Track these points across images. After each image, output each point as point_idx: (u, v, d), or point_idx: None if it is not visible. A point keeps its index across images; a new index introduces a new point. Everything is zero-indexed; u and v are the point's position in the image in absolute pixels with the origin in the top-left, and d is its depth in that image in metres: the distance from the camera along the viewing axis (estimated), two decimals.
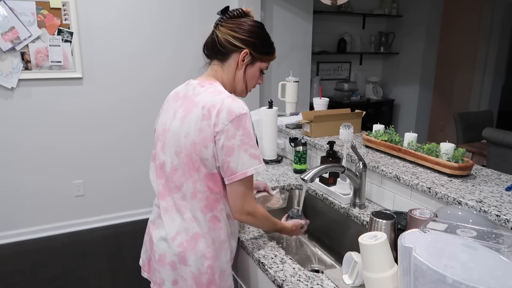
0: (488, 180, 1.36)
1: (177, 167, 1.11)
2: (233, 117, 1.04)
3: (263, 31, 1.18)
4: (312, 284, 1.06)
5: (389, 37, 4.94)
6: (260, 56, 1.17)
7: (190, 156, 1.08)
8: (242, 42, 1.13)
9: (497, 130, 2.95)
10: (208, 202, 1.11)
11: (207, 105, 1.06)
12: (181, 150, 1.09)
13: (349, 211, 1.51)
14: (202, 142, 1.05)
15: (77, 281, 2.57)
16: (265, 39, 1.17)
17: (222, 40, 1.14)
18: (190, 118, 1.08)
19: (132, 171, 3.38)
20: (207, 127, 1.04)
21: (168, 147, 1.13)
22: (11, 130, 2.93)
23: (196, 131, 1.06)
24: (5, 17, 2.73)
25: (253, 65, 1.17)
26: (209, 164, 1.08)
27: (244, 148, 1.04)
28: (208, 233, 1.12)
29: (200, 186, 1.10)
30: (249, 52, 1.14)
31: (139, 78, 3.25)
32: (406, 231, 0.88)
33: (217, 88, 1.12)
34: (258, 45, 1.15)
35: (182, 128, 1.09)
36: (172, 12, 3.25)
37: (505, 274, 0.73)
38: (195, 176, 1.09)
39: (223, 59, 1.16)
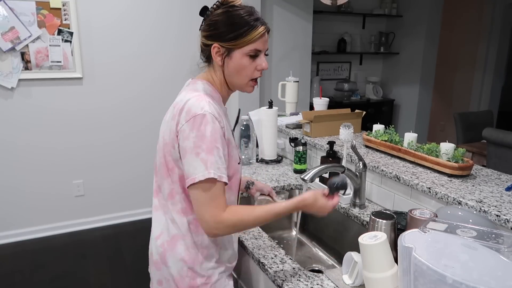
0: (488, 180, 1.36)
1: (157, 168, 1.12)
2: (189, 117, 0.98)
3: (229, 14, 1.03)
4: (312, 284, 1.06)
5: (389, 37, 4.94)
6: (231, 44, 1.03)
7: (165, 157, 1.07)
8: (209, 38, 1.05)
9: (497, 130, 2.95)
10: (186, 204, 1.07)
11: (177, 105, 1.04)
12: (160, 150, 1.09)
13: (349, 211, 1.51)
14: (171, 142, 1.04)
15: (77, 281, 2.57)
16: (231, 23, 1.02)
17: (200, 44, 1.10)
18: (166, 119, 1.09)
19: (132, 171, 3.38)
20: (174, 126, 1.02)
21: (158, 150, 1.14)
22: (11, 130, 2.93)
23: (167, 131, 1.05)
24: (5, 17, 2.73)
25: (231, 56, 1.04)
26: (179, 166, 1.04)
27: (195, 152, 0.97)
28: (187, 235, 1.08)
29: (176, 188, 1.07)
30: (218, 46, 1.04)
31: (139, 78, 3.25)
32: (406, 231, 0.88)
33: (195, 86, 1.08)
34: (222, 34, 1.03)
35: (162, 128, 1.10)
36: (172, 12, 3.25)
37: (505, 274, 0.73)
38: (172, 177, 1.07)
39: (208, 61, 1.12)
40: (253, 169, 1.96)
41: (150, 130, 3.37)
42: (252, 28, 1.02)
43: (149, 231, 1.21)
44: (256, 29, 1.02)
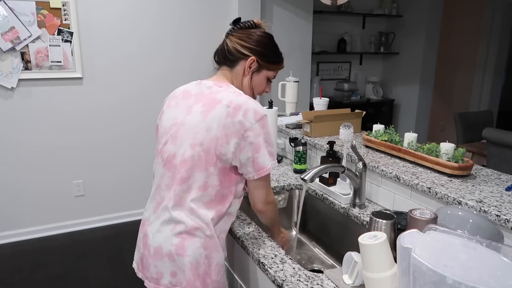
0: (488, 180, 1.36)
1: (188, 159, 1.13)
2: (259, 117, 1.12)
3: (271, 42, 1.25)
4: (312, 284, 1.06)
5: (389, 37, 4.94)
6: (266, 65, 1.24)
7: (208, 150, 1.12)
8: (250, 51, 1.21)
9: (497, 130, 2.95)
10: (217, 197, 1.15)
11: (232, 103, 1.12)
12: (199, 143, 1.12)
13: (349, 211, 1.51)
14: (224, 137, 1.11)
15: (77, 281, 2.57)
16: (272, 49, 1.25)
17: (231, 48, 1.22)
18: (213, 114, 1.12)
19: (132, 171, 3.38)
20: (232, 124, 1.10)
21: (182, 140, 1.15)
22: (11, 130, 2.93)
23: (219, 127, 1.11)
24: (5, 17, 2.73)
25: (259, 73, 1.25)
26: (225, 160, 1.13)
27: (265, 146, 1.13)
28: (208, 226, 1.15)
29: (212, 180, 1.14)
30: (255, 60, 1.21)
31: (139, 78, 3.25)
32: (405, 232, 0.88)
33: (236, 89, 1.20)
34: (264, 54, 1.22)
35: (204, 122, 1.12)
36: (172, 12, 3.25)
37: (505, 274, 0.73)
38: (209, 170, 1.13)
39: (232, 65, 1.24)
40: None
41: (150, 130, 3.37)
42: (281, 61, 1.29)
43: None
44: (282, 63, 1.30)
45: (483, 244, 0.80)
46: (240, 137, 1.11)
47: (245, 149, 1.12)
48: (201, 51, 3.41)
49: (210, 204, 1.15)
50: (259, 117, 1.13)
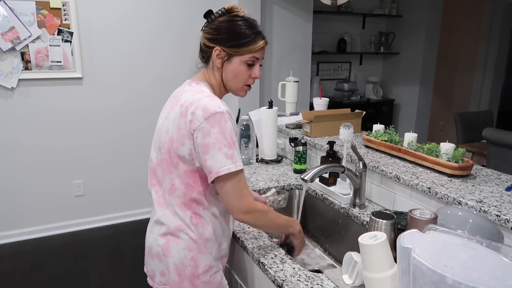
0: (488, 180, 1.36)
1: (159, 162, 1.15)
2: (208, 115, 1.04)
3: (234, 23, 1.12)
4: (312, 284, 1.06)
5: (389, 37, 4.94)
6: (233, 50, 1.12)
7: (168, 152, 1.11)
8: (212, 41, 1.13)
9: (497, 130, 2.95)
10: (186, 199, 1.12)
11: (185, 103, 1.09)
12: (162, 146, 1.13)
13: (349, 211, 1.51)
14: (179, 139, 1.08)
15: (77, 281, 2.57)
16: (235, 32, 1.11)
17: (201, 44, 1.18)
18: (171, 115, 1.12)
19: (132, 171, 3.38)
20: (184, 124, 1.07)
21: (154, 143, 1.19)
22: (11, 130, 2.93)
23: (174, 128, 1.09)
24: (5, 17, 2.73)
25: (230, 62, 1.13)
26: (186, 162, 1.09)
27: (218, 147, 1.04)
28: (190, 227, 1.14)
29: (178, 183, 1.12)
30: (220, 49, 1.12)
31: (139, 78, 3.25)
32: (405, 232, 0.88)
33: (201, 87, 1.14)
34: (225, 40, 1.11)
35: (164, 124, 1.14)
36: (172, 12, 3.25)
37: (504, 273, 0.73)
38: (174, 172, 1.12)
39: (206, 62, 1.19)
40: (253, 169, 1.96)
41: (150, 130, 3.37)
42: (253, 41, 1.12)
43: None
44: (256, 42, 1.13)
45: (483, 244, 0.80)
46: (191, 138, 1.06)
47: (197, 150, 1.07)
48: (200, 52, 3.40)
49: (184, 206, 1.13)
50: (208, 114, 1.04)
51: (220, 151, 1.04)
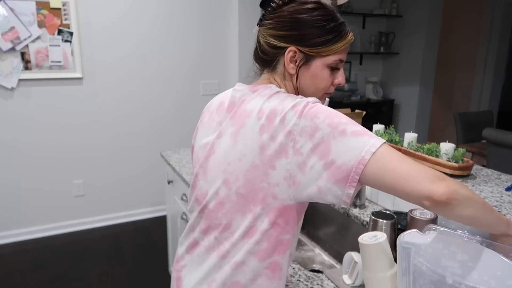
0: (488, 180, 1.36)
1: (224, 200, 0.84)
2: (301, 109, 0.76)
3: (314, 13, 0.82)
4: (312, 284, 1.06)
5: (389, 37, 4.94)
6: (313, 51, 0.83)
7: (249, 184, 0.80)
8: (283, 39, 0.83)
9: (497, 130, 2.95)
10: (272, 244, 0.82)
11: (263, 112, 0.79)
12: (234, 177, 0.81)
13: (349, 211, 1.51)
14: (267, 162, 0.77)
15: (77, 281, 2.57)
16: (318, 25, 0.82)
17: (263, 44, 0.87)
18: (244, 133, 0.80)
19: (132, 171, 3.38)
20: (271, 140, 0.76)
21: (213, 174, 0.86)
22: (11, 130, 2.93)
23: (255, 150, 0.78)
24: (5, 17, 2.73)
25: (309, 65, 0.85)
26: (280, 192, 0.78)
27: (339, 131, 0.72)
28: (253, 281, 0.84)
29: (261, 224, 0.81)
30: (296, 50, 0.83)
31: (139, 78, 3.25)
32: (405, 232, 0.88)
33: (273, 89, 0.84)
34: (305, 37, 0.82)
35: (235, 148, 0.81)
36: (172, 12, 3.25)
37: (505, 274, 0.73)
38: (256, 210, 0.80)
39: (271, 67, 0.89)
40: None
41: (150, 130, 3.37)
42: (342, 35, 0.85)
43: (149, 231, 1.20)
44: (345, 36, 0.86)
45: (483, 244, 0.80)
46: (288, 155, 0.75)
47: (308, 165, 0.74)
48: (202, 51, 3.41)
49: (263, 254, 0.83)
50: (301, 109, 0.76)
51: (345, 134, 0.72)
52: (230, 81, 3.55)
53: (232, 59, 3.51)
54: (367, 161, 0.70)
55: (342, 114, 0.75)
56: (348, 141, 0.71)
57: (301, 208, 0.84)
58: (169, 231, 2.46)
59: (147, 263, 2.75)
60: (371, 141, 0.70)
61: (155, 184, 3.49)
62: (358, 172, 0.70)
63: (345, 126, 0.73)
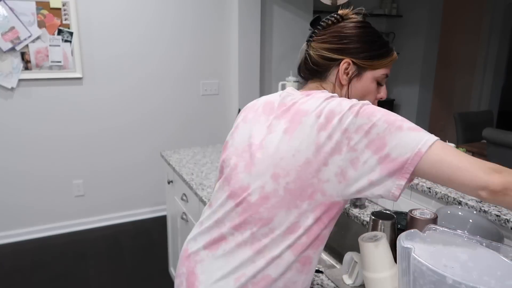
0: None
1: (269, 195, 0.85)
2: (358, 108, 0.80)
3: (367, 30, 0.93)
4: (312, 284, 1.06)
5: (389, 37, 4.94)
6: (368, 63, 0.91)
7: (299, 180, 0.82)
8: (339, 52, 0.91)
9: (497, 130, 2.95)
10: (309, 239, 0.85)
11: (323, 112, 0.83)
12: (285, 173, 0.83)
13: (349, 211, 1.51)
14: (321, 159, 0.80)
15: (77, 281, 2.57)
16: (371, 40, 0.92)
17: (315, 58, 0.93)
18: (299, 131, 0.84)
19: (132, 171, 3.38)
20: (328, 139, 0.80)
21: (260, 168, 0.87)
22: (11, 130, 2.93)
23: (311, 147, 0.81)
24: (5, 17, 2.73)
25: (361, 77, 0.93)
26: (329, 189, 0.82)
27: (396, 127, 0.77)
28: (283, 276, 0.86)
29: (306, 220, 0.84)
30: (351, 62, 0.91)
31: (139, 79, 3.25)
32: (405, 232, 0.88)
33: (327, 93, 0.89)
34: (362, 50, 0.91)
35: (290, 144, 0.84)
36: (172, 13, 3.25)
37: (504, 273, 0.73)
38: (302, 206, 0.83)
39: (322, 77, 0.95)
40: None
41: (151, 131, 3.37)
42: (389, 52, 0.94)
43: (149, 231, 1.20)
44: (392, 53, 0.94)
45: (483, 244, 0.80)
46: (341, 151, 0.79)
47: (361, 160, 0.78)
48: (202, 51, 3.41)
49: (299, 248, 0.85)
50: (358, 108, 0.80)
51: (402, 129, 0.76)
52: (230, 81, 3.56)
53: (232, 59, 3.51)
54: (423, 153, 0.73)
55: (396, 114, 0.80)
56: (405, 136, 0.75)
57: (343, 205, 0.88)
58: (169, 231, 2.46)
59: (147, 263, 2.75)
60: (426, 136, 0.75)
61: (155, 184, 3.49)
62: (414, 163, 0.74)
63: (401, 123, 0.77)
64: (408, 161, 0.74)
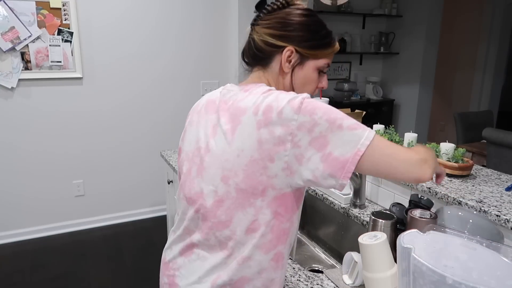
0: (488, 180, 1.36)
1: (223, 197, 0.85)
2: (298, 105, 0.80)
3: (312, 19, 0.92)
4: (312, 284, 1.06)
5: (389, 37, 4.94)
6: (311, 52, 0.91)
7: (248, 179, 0.83)
8: (283, 39, 0.90)
9: (497, 130, 2.95)
10: (275, 234, 0.87)
11: (260, 108, 0.82)
12: (233, 174, 0.84)
13: (349, 211, 1.51)
14: (266, 156, 0.81)
15: (77, 281, 2.57)
16: (315, 30, 0.91)
17: (258, 42, 0.92)
18: (240, 131, 0.83)
19: (132, 171, 3.38)
20: (269, 135, 0.80)
21: (210, 172, 0.87)
22: (11, 130, 2.93)
23: (253, 145, 0.81)
24: (5, 17, 2.73)
25: (303, 65, 0.92)
26: (278, 183, 0.83)
27: (337, 126, 0.78)
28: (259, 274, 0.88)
29: (264, 216, 0.85)
30: (294, 50, 0.90)
31: (139, 79, 3.25)
32: (405, 232, 0.88)
33: (264, 87, 0.89)
34: (305, 39, 0.90)
35: (233, 145, 0.84)
36: (174, 12, 3.25)
37: (504, 273, 0.73)
38: (257, 203, 0.84)
39: (265, 64, 0.94)
40: None
41: (150, 130, 3.37)
42: (332, 42, 0.94)
43: (149, 231, 1.20)
44: (334, 43, 0.94)
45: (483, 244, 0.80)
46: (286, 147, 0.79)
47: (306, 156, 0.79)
48: (202, 51, 3.41)
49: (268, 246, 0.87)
50: (298, 105, 0.79)
51: (342, 128, 0.78)
52: (230, 81, 3.56)
53: (232, 59, 3.51)
54: (363, 152, 0.78)
55: (336, 109, 0.82)
56: (345, 135, 0.78)
57: (299, 196, 0.89)
58: (169, 231, 2.46)
59: (147, 263, 2.75)
60: (365, 134, 0.79)
61: (155, 184, 3.49)
62: (354, 163, 0.78)
63: (341, 121, 0.79)
64: (349, 160, 0.78)
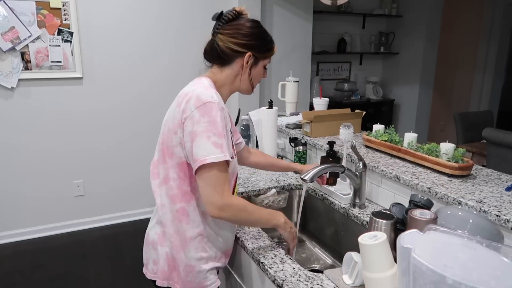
0: (488, 180, 1.36)
1: (158, 154, 1.19)
2: (200, 103, 1.05)
3: (262, 30, 1.21)
4: (312, 284, 1.06)
5: (389, 37, 4.94)
6: (262, 55, 1.21)
7: (165, 142, 1.14)
8: (244, 47, 1.17)
9: (497, 130, 2.95)
10: (179, 191, 1.14)
11: (182, 94, 1.13)
12: (161, 137, 1.17)
13: (349, 211, 1.51)
14: (173, 128, 1.11)
15: (77, 281, 2.57)
16: (264, 38, 1.21)
17: (223, 48, 1.17)
18: (170, 108, 1.16)
19: (132, 171, 3.38)
20: (178, 113, 1.09)
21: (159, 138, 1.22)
22: (11, 130, 2.93)
23: (170, 118, 1.13)
24: (5, 17, 2.73)
25: (257, 65, 1.21)
26: (177, 152, 1.11)
27: (206, 135, 1.04)
28: (172, 222, 1.16)
29: (172, 173, 1.14)
30: (251, 54, 1.18)
31: (139, 78, 3.25)
32: (405, 232, 0.88)
33: (201, 80, 1.17)
34: (259, 46, 1.19)
35: (166, 117, 1.17)
36: (173, 12, 3.25)
37: (505, 274, 0.73)
38: (168, 162, 1.14)
39: (224, 64, 1.20)
40: (253, 169, 1.96)
41: (150, 130, 3.37)
42: (273, 45, 1.24)
43: None
44: (274, 46, 1.25)
45: (483, 244, 0.80)
46: (181, 127, 1.08)
47: (185, 139, 1.07)
48: (201, 51, 3.40)
49: (174, 198, 1.15)
50: (200, 103, 1.05)
51: (209, 140, 1.04)
52: None
53: None
54: (205, 163, 1.03)
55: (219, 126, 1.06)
56: (207, 144, 1.04)
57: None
58: None
59: None
60: (218, 154, 1.04)
61: None
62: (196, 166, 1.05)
63: (212, 135, 1.04)
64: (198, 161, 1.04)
